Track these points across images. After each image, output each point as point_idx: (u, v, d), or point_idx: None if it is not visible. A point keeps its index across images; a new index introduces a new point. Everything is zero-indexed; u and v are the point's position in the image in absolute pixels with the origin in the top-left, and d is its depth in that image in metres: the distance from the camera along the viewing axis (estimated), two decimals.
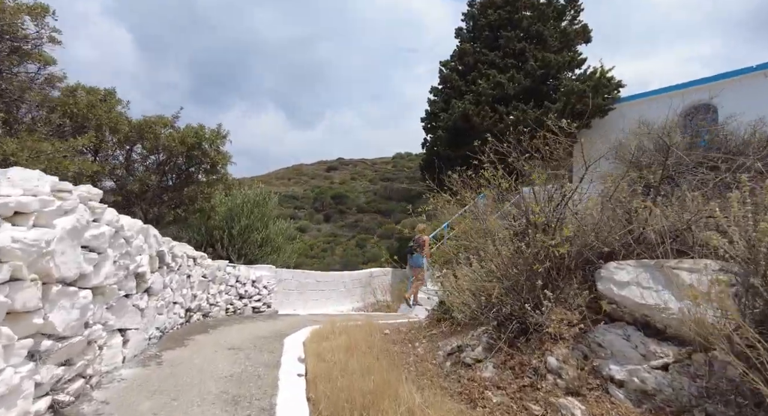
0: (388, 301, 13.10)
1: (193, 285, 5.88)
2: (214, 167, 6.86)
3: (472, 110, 13.44)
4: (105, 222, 2.88)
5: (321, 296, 11.39)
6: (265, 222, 9.80)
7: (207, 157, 6.57)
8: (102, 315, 3.05)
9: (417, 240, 8.84)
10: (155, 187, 6.71)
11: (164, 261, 4.55)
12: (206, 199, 7.08)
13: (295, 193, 59.12)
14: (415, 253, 8.80)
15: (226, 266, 6.96)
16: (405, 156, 62.99)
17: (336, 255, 45.67)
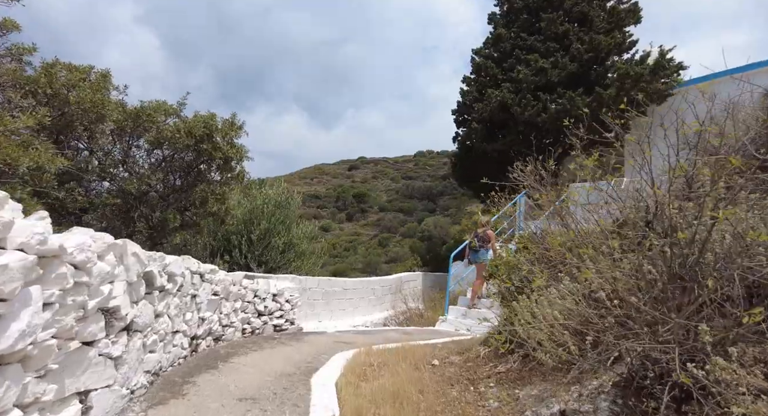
0: (420, 309, 11.82)
1: (201, 306, 4.72)
2: (227, 163, 5.71)
3: (511, 99, 12.03)
4: (16, 243, 1.69)
5: (349, 305, 10.19)
6: (287, 225, 8.63)
7: (219, 151, 5.43)
8: (28, 391, 1.87)
9: (481, 234, 7.94)
10: (159, 187, 5.60)
11: (155, 284, 3.37)
12: (219, 200, 5.96)
13: (318, 192, 58.31)
14: (480, 249, 7.89)
15: (242, 279, 5.80)
16: (427, 154, 61.51)
17: (359, 255, 44.57)
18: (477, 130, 12.95)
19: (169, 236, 5.78)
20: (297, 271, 8.55)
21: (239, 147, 5.83)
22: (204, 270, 4.74)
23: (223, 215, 6.28)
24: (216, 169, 5.98)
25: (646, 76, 10.60)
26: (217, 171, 6.02)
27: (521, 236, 6.00)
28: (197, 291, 4.62)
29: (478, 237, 7.97)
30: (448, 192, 53.07)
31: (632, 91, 10.84)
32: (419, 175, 57.76)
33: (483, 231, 8.02)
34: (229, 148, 5.61)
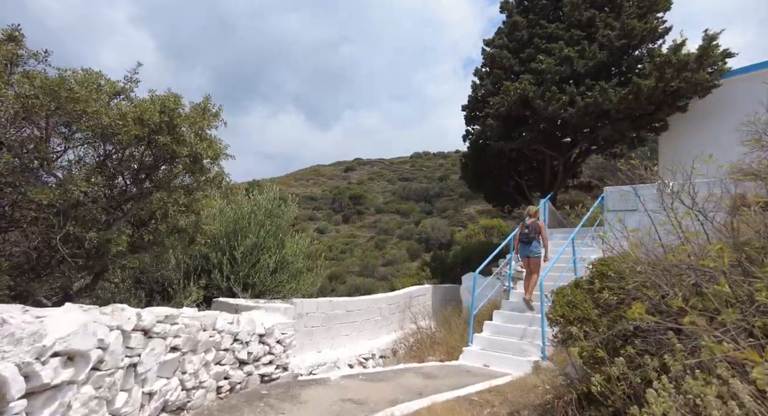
0: (432, 329, 10.21)
1: (147, 376, 3.09)
2: (197, 162, 4.08)
3: (533, 92, 10.45)
4: None
5: (352, 329, 8.55)
6: (280, 239, 6.98)
7: (184, 145, 3.81)
8: None
9: (531, 225, 7.21)
10: (101, 196, 3.95)
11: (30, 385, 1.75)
12: (185, 211, 4.35)
13: (314, 193, 56.61)
14: (533, 241, 7.15)
15: (216, 321, 4.16)
16: (423, 155, 60.03)
17: (355, 257, 43.07)
18: (492, 127, 11.36)
19: (114, 263, 4.13)
20: (292, 294, 6.90)
21: (213, 141, 4.19)
22: (150, 322, 3.09)
23: (193, 231, 4.67)
24: (183, 171, 4.34)
25: (692, 63, 9.06)
26: (185, 173, 4.38)
27: (603, 262, 4.43)
28: (140, 355, 2.98)
29: (528, 228, 7.14)
30: (445, 194, 51.57)
31: (673, 82, 9.32)
32: (416, 177, 56.26)
33: (532, 221, 7.21)
34: (199, 142, 3.98)
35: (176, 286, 6.02)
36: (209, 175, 4.59)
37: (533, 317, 7.40)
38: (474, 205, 47.25)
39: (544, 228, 7.32)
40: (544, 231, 7.30)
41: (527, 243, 7.24)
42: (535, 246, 7.18)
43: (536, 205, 8.27)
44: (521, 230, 7.33)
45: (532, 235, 7.15)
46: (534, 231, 7.17)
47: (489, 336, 7.41)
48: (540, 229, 7.20)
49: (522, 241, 7.32)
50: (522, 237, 7.31)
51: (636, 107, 9.47)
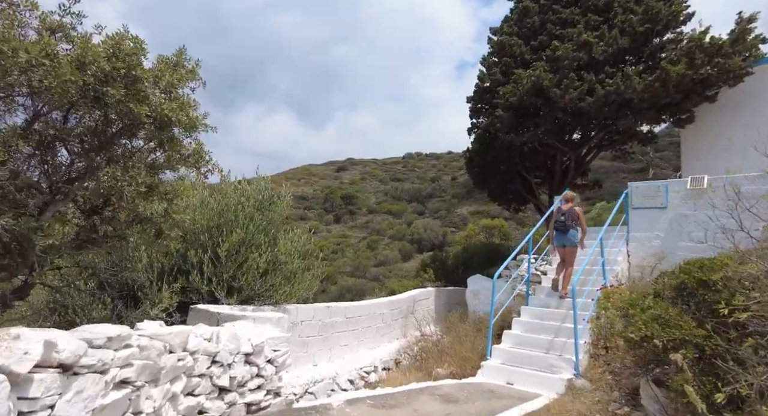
0: (438, 336, 9.21)
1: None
2: (165, 129, 2.99)
3: (548, 80, 9.50)
4: None
5: (352, 338, 7.50)
6: (272, 235, 5.91)
7: (146, 105, 2.73)
8: None
9: (568, 211, 6.56)
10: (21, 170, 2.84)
11: None
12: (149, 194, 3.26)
13: (305, 193, 55.34)
14: (570, 229, 6.53)
15: (188, 338, 3.10)
16: (416, 156, 59.04)
17: (347, 257, 41.96)
18: (502, 119, 10.39)
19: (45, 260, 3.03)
20: (286, 300, 5.83)
21: (185, 102, 3.11)
22: (74, 352, 2.02)
23: (161, 222, 3.60)
24: (147, 141, 3.25)
25: (726, 47, 8.19)
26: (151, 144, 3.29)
27: (693, 265, 3.46)
28: (53, 406, 1.91)
29: (565, 214, 6.53)
30: (437, 194, 50.65)
31: (704, 68, 8.44)
32: (408, 177, 55.24)
33: (569, 207, 6.59)
34: (167, 103, 2.92)
35: (148, 290, 4.93)
36: (185, 152, 3.52)
37: (559, 327, 6.43)
38: (466, 206, 46.42)
39: (582, 214, 6.65)
40: (582, 217, 6.63)
41: (563, 231, 6.56)
42: (572, 234, 6.52)
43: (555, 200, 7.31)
44: (556, 217, 6.66)
45: (570, 222, 6.49)
46: (571, 218, 6.50)
47: (510, 347, 6.41)
48: (578, 216, 6.54)
49: (558, 229, 6.62)
50: (558, 225, 6.61)
51: (663, 96, 8.58)
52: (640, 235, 8.09)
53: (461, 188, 48.49)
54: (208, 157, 3.74)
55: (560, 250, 6.78)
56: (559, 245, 6.76)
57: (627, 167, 35.64)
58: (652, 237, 7.96)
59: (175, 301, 4.47)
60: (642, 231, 8.09)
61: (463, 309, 10.78)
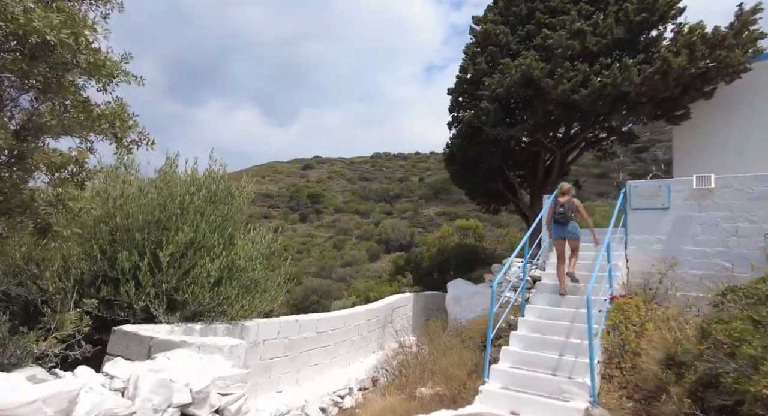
0: (419, 347, 8.21)
1: None
2: (40, 56, 1.81)
3: (540, 69, 8.70)
4: None
5: (324, 355, 6.36)
6: (228, 235, 4.70)
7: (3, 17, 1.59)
8: None
9: (567, 203, 6.29)
10: None
11: None
12: (17, 164, 2.02)
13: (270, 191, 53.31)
14: (570, 221, 6.27)
15: (78, 398, 1.92)
16: (384, 156, 58.09)
17: (312, 257, 40.54)
18: (488, 111, 9.51)
19: None
20: (244, 316, 4.64)
21: (79, 20, 1.93)
22: None
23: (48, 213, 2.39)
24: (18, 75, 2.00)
25: (730, 39, 7.63)
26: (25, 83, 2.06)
27: None
28: None
29: (564, 206, 6.25)
30: (405, 195, 49.91)
31: (704, 61, 7.86)
32: (376, 177, 54.19)
33: (567, 199, 6.32)
34: (41, 13, 1.72)
35: (59, 305, 3.63)
36: (93, 111, 2.32)
37: (565, 342, 5.55)
38: (433, 207, 45.93)
39: (581, 205, 6.38)
40: (582, 208, 6.35)
41: (564, 223, 6.25)
42: (573, 226, 6.25)
43: None
44: (554, 209, 6.35)
45: (570, 214, 6.23)
46: (570, 210, 6.23)
47: (510, 368, 5.46)
48: (577, 207, 6.28)
49: (558, 222, 6.30)
50: (558, 217, 6.28)
51: (662, 89, 7.93)
52: (639, 238, 7.38)
53: (429, 189, 47.95)
54: (132, 122, 2.54)
55: (560, 244, 6.38)
56: (558, 238, 6.36)
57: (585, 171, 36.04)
58: (653, 241, 7.26)
59: (86, 325, 3.21)
60: (641, 233, 7.37)
61: (443, 316, 9.85)
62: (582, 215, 6.36)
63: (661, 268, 6.35)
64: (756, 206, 6.61)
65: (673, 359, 4.11)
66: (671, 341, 4.27)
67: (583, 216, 6.39)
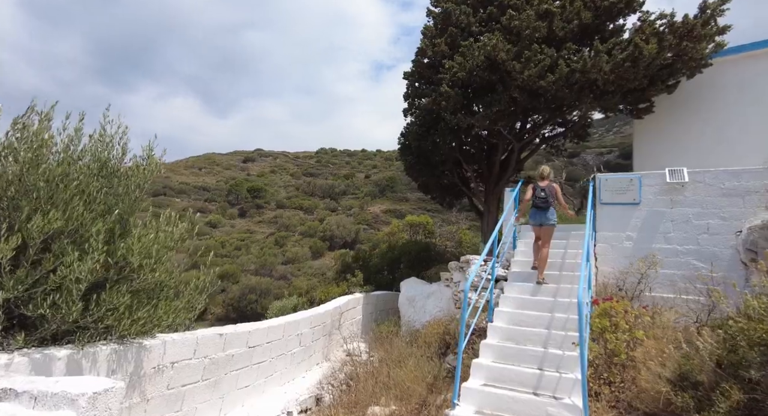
0: (370, 356, 7.17)
1: None
2: None
3: (505, 51, 7.96)
4: None
5: (258, 375, 5.11)
6: (123, 222, 3.35)
7: None
8: None
9: (548, 188, 5.96)
10: None
11: None
12: None
13: (207, 184, 49.96)
14: (549, 207, 5.90)
15: None
16: (330, 152, 56.39)
17: (251, 255, 38.32)
18: (448, 96, 8.65)
19: None
20: (143, 331, 3.33)
21: None
22: None
23: None
24: None
25: (698, 28, 7.28)
26: None
27: None
28: None
29: (545, 190, 5.93)
30: (351, 192, 48.69)
31: (671, 51, 7.48)
32: (321, 173, 52.44)
33: (547, 184, 6.02)
34: None
35: None
36: None
37: (544, 354, 4.74)
38: (379, 204, 45.17)
39: (560, 191, 6.11)
40: (560, 195, 6.08)
41: (544, 208, 5.91)
42: (551, 212, 5.94)
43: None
44: (534, 193, 6.01)
45: (551, 199, 5.92)
46: (552, 195, 5.93)
47: (483, 386, 4.54)
48: (557, 192, 6.00)
49: (538, 206, 5.96)
50: (538, 202, 5.95)
51: (631, 78, 7.44)
52: (609, 235, 6.81)
53: (375, 186, 47.08)
54: None
55: (537, 229, 6.03)
56: (536, 223, 6.00)
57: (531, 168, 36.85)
58: (623, 238, 6.72)
59: None
60: (611, 230, 6.81)
61: (395, 318, 8.88)
62: (560, 200, 6.08)
63: (641, 267, 5.74)
64: (727, 202, 6.23)
65: (687, 378, 3.39)
66: (681, 355, 3.55)
67: (561, 202, 6.12)
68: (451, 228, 15.76)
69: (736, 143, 7.66)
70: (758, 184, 6.05)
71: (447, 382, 5.87)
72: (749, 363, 2.78)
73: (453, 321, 7.15)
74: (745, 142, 7.60)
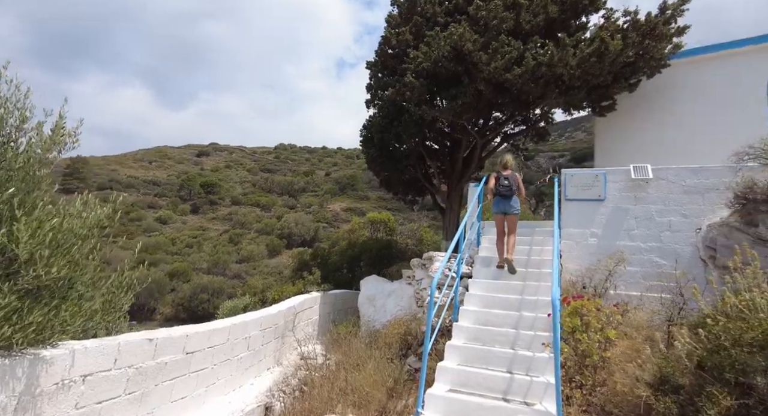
0: (326, 359, 6.65)
1: None
2: None
3: (472, 42, 7.66)
4: None
5: (197, 383, 4.48)
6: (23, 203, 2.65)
7: None
8: None
9: (511, 177, 5.97)
10: None
11: None
12: None
13: (157, 178, 47.34)
14: (513, 196, 5.92)
15: None
16: (289, 148, 54.89)
17: (204, 252, 36.63)
18: (413, 87, 8.26)
19: None
20: (40, 340, 2.66)
21: None
22: None
23: None
24: None
25: (660, 26, 7.28)
26: None
27: None
28: None
29: (508, 179, 5.96)
30: (310, 189, 47.61)
31: (634, 49, 7.45)
32: (280, 169, 50.93)
33: (510, 173, 6.04)
34: None
35: None
36: None
37: (513, 355, 4.42)
38: (339, 202, 44.47)
39: (521, 181, 6.13)
40: (522, 186, 6.12)
41: (508, 197, 5.92)
42: (515, 201, 5.97)
43: None
44: (498, 182, 6.00)
45: (514, 188, 5.94)
46: (515, 184, 5.97)
47: (449, 392, 4.15)
48: (519, 182, 6.04)
49: (502, 194, 5.95)
50: (503, 190, 5.94)
51: (597, 74, 7.35)
52: (574, 232, 6.65)
53: (335, 184, 46.31)
54: None
55: (500, 218, 5.97)
56: (499, 212, 5.96)
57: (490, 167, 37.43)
58: (588, 235, 6.58)
59: None
60: (576, 226, 6.65)
61: (354, 318, 8.40)
62: (521, 191, 6.08)
63: (609, 264, 5.57)
64: (688, 199, 6.20)
65: (667, 382, 3.14)
66: (661, 357, 3.30)
67: (522, 193, 6.12)
68: (412, 226, 15.46)
69: (693, 143, 7.75)
70: (717, 181, 6.05)
71: (408, 386, 5.47)
72: (749, 368, 2.52)
73: (414, 321, 6.77)
74: (701, 143, 7.69)
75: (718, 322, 3.17)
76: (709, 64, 8.03)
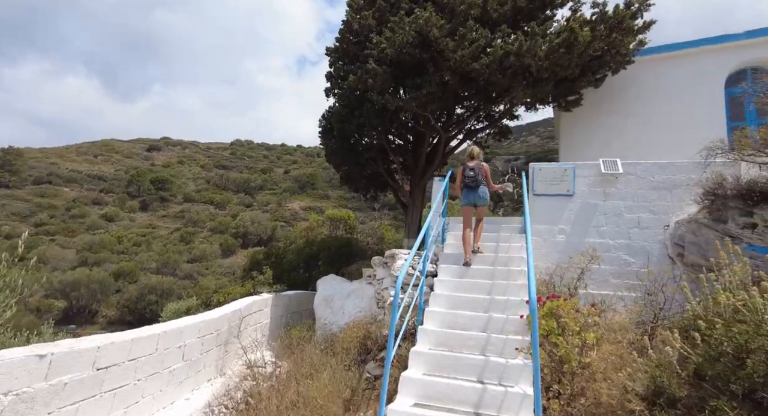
0: (275, 365, 5.94)
1: None
2: None
3: (438, 27, 7.20)
4: None
5: (112, 405, 3.67)
6: None
7: None
8: None
9: (477, 167, 5.71)
10: None
11: None
12: None
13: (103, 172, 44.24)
14: (480, 186, 5.66)
15: None
16: (246, 144, 52.84)
17: (153, 252, 34.49)
18: (376, 74, 7.70)
19: None
20: None
21: None
22: None
23: None
24: None
25: (628, 20, 7.11)
26: None
27: None
28: None
29: (474, 170, 5.75)
30: (268, 186, 46.01)
31: (602, 42, 7.25)
32: (236, 165, 48.89)
33: (476, 163, 5.82)
34: None
35: None
36: None
37: (485, 362, 3.94)
38: (298, 201, 43.24)
39: (488, 171, 5.91)
40: (489, 175, 5.88)
41: (475, 187, 5.72)
42: (483, 191, 5.76)
43: None
44: (464, 173, 5.82)
45: (480, 179, 5.75)
46: (481, 174, 5.77)
47: (413, 407, 3.60)
48: (486, 172, 5.82)
49: (469, 186, 5.77)
50: (468, 181, 5.75)
51: (565, 65, 7.08)
52: (542, 228, 6.30)
53: (294, 182, 44.96)
54: None
55: (469, 210, 5.76)
56: (469, 204, 5.74)
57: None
58: (556, 231, 6.26)
59: None
60: (544, 223, 6.32)
61: (310, 321, 7.72)
62: (488, 181, 5.84)
63: (581, 262, 5.22)
64: (657, 196, 6.00)
65: (662, 394, 2.74)
66: (655, 366, 2.90)
67: (490, 182, 5.87)
68: (373, 225, 14.90)
69: (656, 140, 7.66)
70: (685, 177, 5.88)
71: (367, 396, 4.88)
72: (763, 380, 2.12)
73: (375, 323, 6.20)
74: (664, 139, 7.62)
75: (715, 325, 2.81)
76: (670, 62, 7.99)
